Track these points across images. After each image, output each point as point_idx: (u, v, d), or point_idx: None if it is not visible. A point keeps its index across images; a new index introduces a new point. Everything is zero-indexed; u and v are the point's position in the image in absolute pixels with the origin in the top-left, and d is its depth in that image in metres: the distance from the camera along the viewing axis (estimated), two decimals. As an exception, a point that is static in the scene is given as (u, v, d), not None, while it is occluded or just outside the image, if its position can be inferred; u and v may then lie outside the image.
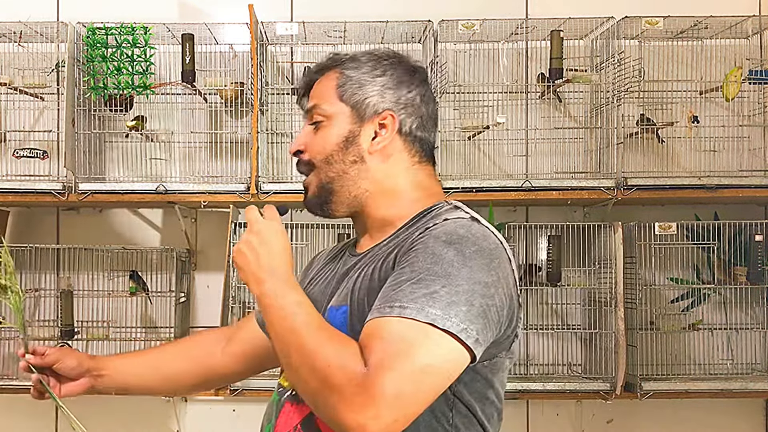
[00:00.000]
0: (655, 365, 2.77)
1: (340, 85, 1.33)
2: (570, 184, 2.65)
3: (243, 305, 2.81)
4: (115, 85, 2.68)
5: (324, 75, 1.36)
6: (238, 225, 2.74)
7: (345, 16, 2.74)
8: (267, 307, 1.18)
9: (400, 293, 1.11)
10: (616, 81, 2.66)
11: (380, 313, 1.10)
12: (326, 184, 1.33)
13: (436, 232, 1.19)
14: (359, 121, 1.32)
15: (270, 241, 1.25)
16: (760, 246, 2.69)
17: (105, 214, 2.97)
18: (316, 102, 1.34)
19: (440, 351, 1.08)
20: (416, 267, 1.14)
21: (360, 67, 1.34)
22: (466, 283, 1.12)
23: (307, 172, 1.35)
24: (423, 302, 1.09)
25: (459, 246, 1.15)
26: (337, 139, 1.31)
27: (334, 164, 1.31)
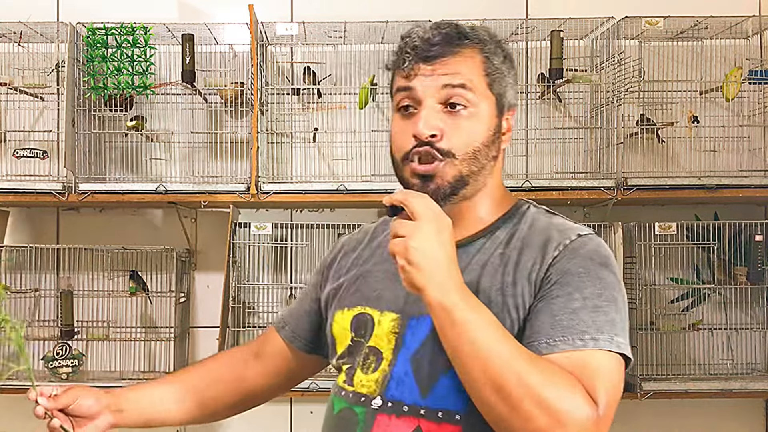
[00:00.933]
0: (655, 365, 2.77)
1: (489, 72, 1.24)
2: (570, 184, 2.65)
3: (243, 305, 2.81)
4: (115, 85, 2.68)
5: (463, 50, 1.23)
6: (238, 225, 2.74)
7: (345, 16, 2.74)
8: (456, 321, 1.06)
9: (581, 323, 1.12)
10: (616, 81, 2.65)
11: (571, 346, 1.10)
12: (466, 177, 1.22)
13: (584, 252, 1.19)
14: (499, 114, 1.26)
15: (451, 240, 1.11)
16: (760, 246, 2.69)
17: (105, 214, 2.97)
18: (463, 81, 1.21)
19: (622, 375, 1.14)
20: (586, 292, 1.14)
21: (498, 53, 1.26)
22: (623, 306, 1.17)
23: (435, 158, 1.20)
24: (608, 331, 1.12)
25: (611, 268, 1.19)
26: (486, 133, 1.23)
27: (479, 159, 1.22)
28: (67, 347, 2.70)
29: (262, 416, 2.88)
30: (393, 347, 1.23)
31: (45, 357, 2.71)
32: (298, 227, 2.76)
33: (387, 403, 1.19)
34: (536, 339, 1.12)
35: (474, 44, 1.24)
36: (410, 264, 1.07)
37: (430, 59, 1.21)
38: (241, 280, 2.77)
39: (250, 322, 2.83)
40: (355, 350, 1.28)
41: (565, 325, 1.11)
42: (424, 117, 1.20)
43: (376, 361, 1.24)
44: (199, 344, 2.96)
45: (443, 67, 1.21)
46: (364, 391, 1.22)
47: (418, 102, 1.22)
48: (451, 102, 1.21)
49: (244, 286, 2.79)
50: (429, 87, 1.21)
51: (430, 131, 1.19)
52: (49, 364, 2.68)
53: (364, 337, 1.27)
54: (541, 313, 1.15)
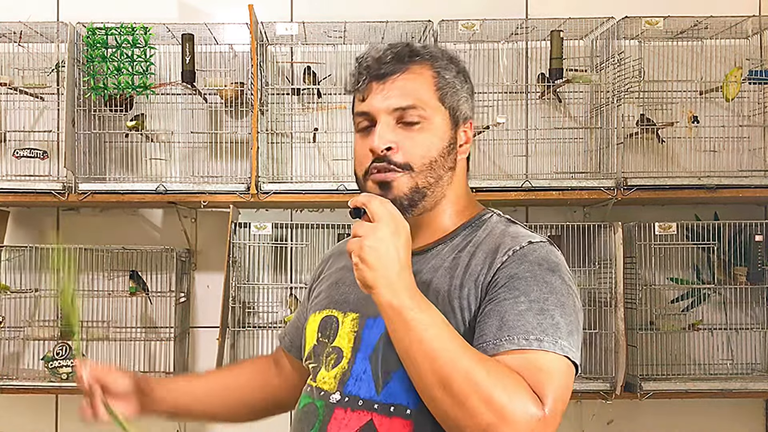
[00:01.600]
0: (655, 365, 2.77)
1: (440, 87, 1.28)
2: (570, 184, 2.65)
3: (243, 305, 2.81)
4: (115, 85, 2.68)
5: (409, 67, 1.28)
6: (238, 225, 2.74)
7: (345, 16, 2.74)
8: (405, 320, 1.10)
9: (527, 324, 1.14)
10: (616, 81, 2.66)
11: (516, 346, 1.12)
12: (422, 188, 1.26)
13: (533, 257, 1.21)
14: (454, 126, 1.30)
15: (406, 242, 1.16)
16: (760, 246, 2.69)
17: (105, 214, 2.97)
18: (413, 102, 1.26)
19: (568, 380, 1.15)
20: (532, 296, 1.16)
21: (449, 68, 1.30)
22: (573, 312, 1.19)
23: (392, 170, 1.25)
24: (552, 333, 1.14)
25: (560, 273, 1.20)
26: (441, 144, 1.27)
27: (435, 170, 1.27)
28: (67, 347, 2.70)
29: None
30: (352, 346, 1.28)
31: (45, 357, 2.71)
32: (298, 227, 2.76)
33: (344, 398, 1.24)
34: (483, 341, 1.15)
35: (424, 60, 1.28)
36: (363, 262, 1.12)
37: (381, 77, 1.26)
38: (241, 280, 2.77)
39: (250, 322, 2.84)
40: (320, 350, 1.33)
41: (510, 326, 1.14)
42: (378, 132, 1.25)
43: (336, 359, 1.29)
44: (199, 344, 2.96)
45: (393, 85, 1.26)
46: (325, 387, 1.28)
47: (373, 120, 1.27)
48: (406, 121, 1.26)
49: (244, 286, 2.79)
50: (382, 107, 1.26)
51: (385, 145, 1.24)
52: (49, 364, 2.68)
53: (329, 338, 1.33)
54: (488, 315, 1.17)
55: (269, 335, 2.85)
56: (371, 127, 1.27)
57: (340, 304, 1.35)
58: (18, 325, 2.83)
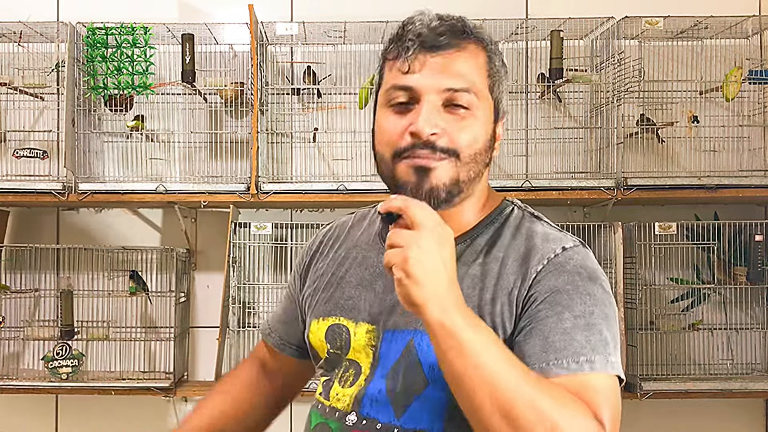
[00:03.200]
0: (655, 365, 2.77)
1: (491, 74, 1.17)
2: (570, 184, 2.65)
3: (243, 305, 2.81)
4: (115, 85, 2.68)
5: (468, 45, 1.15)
6: (238, 225, 2.74)
7: (345, 16, 2.74)
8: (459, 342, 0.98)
9: (575, 343, 1.05)
10: (616, 81, 2.66)
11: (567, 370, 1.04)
12: (462, 182, 1.15)
13: (570, 267, 1.12)
14: (495, 120, 1.19)
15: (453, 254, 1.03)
16: (760, 246, 2.69)
17: (105, 214, 2.97)
18: (468, 86, 1.13)
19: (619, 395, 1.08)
20: (576, 311, 1.08)
21: (498, 54, 1.18)
22: (615, 322, 1.12)
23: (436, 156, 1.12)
24: (602, 351, 1.06)
25: (600, 281, 1.13)
26: (486, 137, 1.16)
27: (479, 163, 1.16)
28: (67, 347, 2.70)
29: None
30: (371, 361, 1.18)
31: (45, 357, 2.71)
32: (298, 227, 2.76)
33: (362, 420, 1.15)
34: (529, 364, 1.05)
35: (478, 41, 1.16)
36: (408, 277, 0.98)
37: (435, 50, 1.12)
38: (241, 280, 2.77)
39: (250, 322, 2.84)
40: (334, 363, 1.24)
41: (558, 347, 1.05)
42: (424, 113, 1.11)
43: (354, 375, 1.19)
44: (199, 344, 2.96)
45: (448, 62, 1.12)
46: (339, 405, 1.18)
47: (416, 97, 1.13)
48: (455, 103, 1.13)
49: (244, 286, 2.79)
50: (431, 85, 1.12)
51: (432, 129, 1.11)
52: (49, 364, 2.68)
53: (341, 349, 1.22)
54: (531, 335, 1.08)
55: (269, 335, 2.85)
56: (409, 105, 1.13)
57: (348, 312, 1.22)
58: (18, 325, 2.84)
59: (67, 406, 2.93)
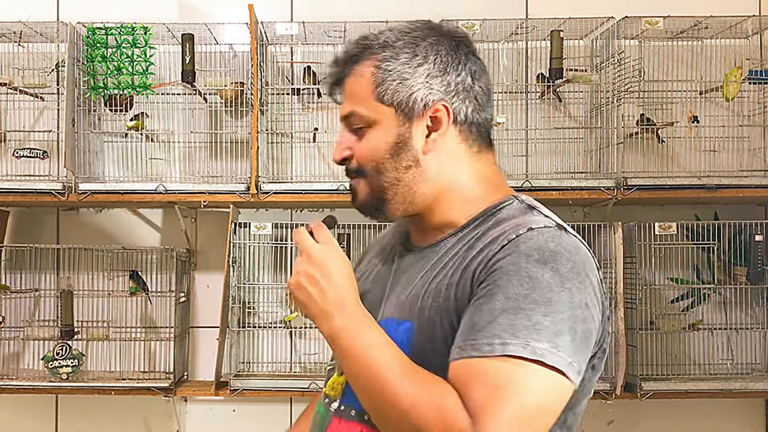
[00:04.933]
0: (655, 365, 2.77)
1: (379, 83, 1.18)
2: (570, 184, 2.65)
3: (243, 305, 2.81)
4: (115, 85, 2.68)
5: (356, 68, 1.20)
6: (238, 225, 2.74)
7: (345, 16, 2.74)
8: (341, 348, 1.10)
9: (496, 326, 1.01)
10: (616, 81, 2.66)
11: (478, 352, 1.00)
12: (378, 192, 1.21)
13: (524, 247, 1.06)
14: (407, 121, 1.18)
15: (333, 270, 1.14)
16: (760, 246, 2.69)
17: (105, 214, 2.97)
18: (351, 109, 1.21)
19: (549, 389, 1.00)
20: (510, 293, 1.03)
21: (397, 55, 1.18)
22: (568, 309, 1.03)
23: (356, 176, 1.24)
24: (526, 336, 1.00)
25: (554, 265, 1.05)
26: (385, 147, 1.19)
27: (387, 172, 1.19)
28: (67, 347, 2.70)
29: (262, 416, 2.89)
30: None
31: (45, 357, 2.71)
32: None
33: (341, 406, 1.21)
34: (455, 344, 1.05)
35: (372, 53, 1.19)
36: (295, 300, 1.16)
37: (335, 84, 1.25)
38: (241, 280, 2.77)
39: (250, 322, 2.84)
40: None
41: (479, 327, 1.02)
42: (336, 144, 1.25)
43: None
44: (199, 344, 2.96)
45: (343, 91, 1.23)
46: (331, 394, 1.24)
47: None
48: (353, 128, 1.22)
49: (244, 286, 2.79)
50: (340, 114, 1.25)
51: (341, 156, 1.24)
52: (49, 364, 2.68)
53: None
54: (466, 314, 1.07)
55: (269, 335, 2.86)
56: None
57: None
58: (18, 325, 2.83)
59: (67, 406, 2.93)
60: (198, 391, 2.78)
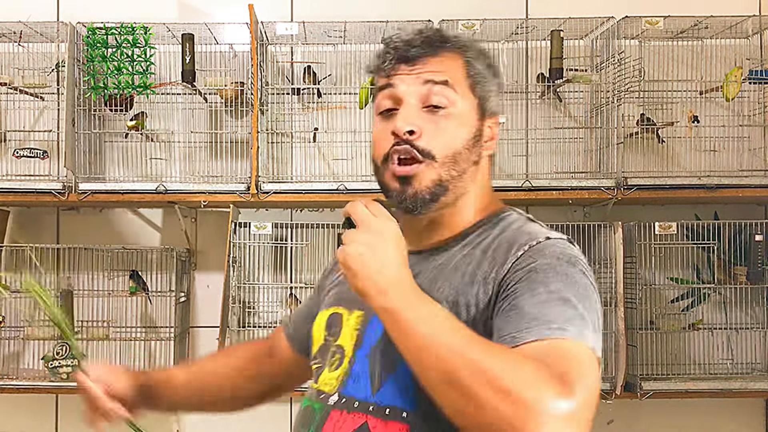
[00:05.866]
0: (655, 365, 2.77)
1: (471, 74, 1.22)
2: (570, 184, 2.65)
3: (243, 305, 2.81)
4: (115, 85, 2.68)
5: (444, 53, 1.21)
6: (238, 225, 2.74)
7: (345, 16, 2.74)
8: (400, 321, 1.02)
9: (550, 314, 1.04)
10: (616, 81, 2.66)
11: (538, 336, 1.01)
12: (445, 182, 1.19)
13: (550, 252, 1.13)
14: (481, 118, 1.23)
15: (392, 243, 1.08)
16: (760, 246, 2.69)
17: (105, 213, 2.97)
18: (446, 77, 1.19)
19: (597, 373, 1.05)
20: (552, 287, 1.07)
21: (480, 59, 1.24)
22: (596, 309, 1.11)
23: (413, 160, 1.18)
24: (579, 324, 1.04)
25: (581, 267, 1.13)
26: (467, 136, 1.20)
27: (460, 163, 1.20)
28: (67, 347, 2.70)
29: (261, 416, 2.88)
30: (353, 344, 1.23)
31: (45, 357, 2.71)
32: (298, 227, 2.76)
33: (341, 399, 1.20)
34: (501, 335, 1.05)
35: (455, 48, 1.22)
36: (348, 270, 1.07)
37: (411, 60, 1.20)
38: (241, 280, 2.77)
39: (250, 322, 2.84)
40: (325, 350, 1.29)
41: (531, 317, 1.04)
42: (402, 114, 1.19)
43: (339, 359, 1.25)
44: (199, 344, 2.96)
45: (424, 65, 1.20)
46: (326, 389, 1.23)
47: (398, 102, 1.20)
48: (433, 103, 1.19)
49: (244, 286, 2.79)
50: (410, 85, 1.20)
51: (409, 127, 1.17)
52: (49, 364, 2.68)
53: (334, 336, 1.28)
54: (505, 310, 1.08)
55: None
56: (394, 111, 1.21)
57: (347, 302, 1.28)
58: (18, 325, 2.83)
59: (67, 406, 2.93)
60: (198, 391, 2.77)
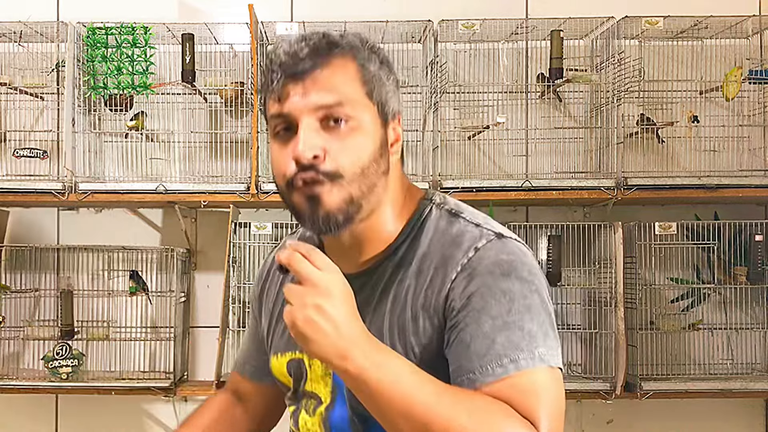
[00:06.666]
0: (655, 365, 2.77)
1: (366, 80, 1.11)
2: (570, 184, 2.65)
3: (243, 305, 2.81)
4: (115, 85, 2.68)
5: (334, 60, 1.10)
6: (238, 225, 2.74)
7: (345, 16, 2.73)
8: (369, 384, 0.99)
9: (498, 347, 1.03)
10: (616, 81, 2.65)
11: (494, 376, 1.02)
12: (357, 199, 1.10)
13: (482, 268, 1.08)
14: (384, 124, 1.14)
15: (343, 300, 1.01)
16: (760, 246, 2.69)
17: (105, 214, 2.97)
18: (340, 98, 1.08)
19: (559, 384, 1.06)
20: (493, 312, 1.05)
21: (372, 59, 1.13)
22: (542, 309, 1.08)
23: (320, 181, 1.09)
24: (527, 347, 1.04)
25: (516, 273, 1.08)
26: (373, 147, 1.11)
27: (369, 177, 1.10)
28: (67, 347, 2.70)
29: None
30: (330, 389, 1.20)
31: (45, 357, 2.71)
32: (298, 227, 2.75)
33: None
34: (457, 376, 1.05)
35: (345, 52, 1.11)
36: (300, 338, 1.00)
37: (299, 76, 1.08)
38: (241, 280, 2.76)
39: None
40: (298, 395, 1.26)
41: (481, 354, 1.04)
42: (302, 138, 1.08)
43: (315, 404, 1.22)
44: (199, 344, 2.96)
45: (315, 84, 1.08)
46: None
47: (294, 124, 1.10)
48: (333, 118, 1.09)
49: (244, 286, 2.79)
50: (303, 108, 1.08)
51: (312, 152, 1.07)
52: (49, 364, 2.68)
53: (299, 382, 1.24)
54: (454, 346, 1.07)
55: (269, 335, 2.85)
56: (290, 131, 1.11)
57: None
58: (18, 325, 2.83)
59: (67, 406, 2.93)
60: (198, 391, 2.78)
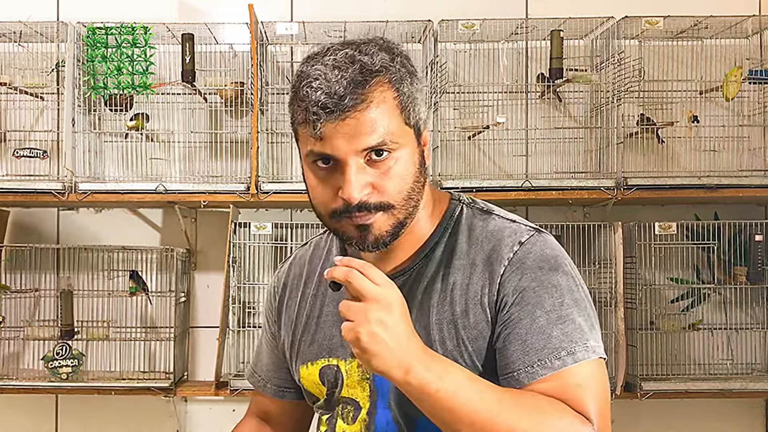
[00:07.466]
0: (655, 365, 2.77)
1: (403, 106, 1.11)
2: (570, 184, 2.65)
3: (243, 305, 2.81)
4: (115, 85, 2.68)
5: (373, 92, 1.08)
6: (238, 225, 2.74)
7: (345, 16, 2.73)
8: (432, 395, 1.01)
9: (553, 340, 1.10)
10: (616, 81, 2.65)
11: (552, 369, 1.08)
12: (404, 219, 1.13)
13: (530, 262, 1.14)
14: (418, 142, 1.15)
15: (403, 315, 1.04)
16: (760, 246, 2.69)
17: (105, 214, 2.97)
18: (383, 139, 1.08)
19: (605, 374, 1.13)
20: (546, 306, 1.11)
21: (404, 76, 1.12)
22: (587, 301, 1.16)
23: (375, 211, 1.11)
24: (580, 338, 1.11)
25: (563, 267, 1.15)
26: (414, 168, 1.13)
27: (414, 197, 1.13)
28: (67, 347, 2.70)
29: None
30: (369, 394, 1.20)
31: (45, 357, 2.71)
32: (298, 227, 2.76)
33: None
34: (513, 369, 1.10)
35: (381, 78, 1.09)
36: (365, 353, 1.01)
37: (340, 116, 1.07)
38: (241, 280, 2.76)
39: (250, 322, 2.84)
40: (333, 402, 1.25)
41: (537, 347, 1.09)
42: (352, 182, 1.08)
43: (354, 411, 1.21)
44: (199, 344, 2.96)
45: (358, 125, 1.07)
46: None
47: (337, 161, 1.10)
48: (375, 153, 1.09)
49: (244, 286, 2.79)
50: (349, 151, 1.08)
51: (362, 194, 1.09)
52: (49, 364, 2.68)
53: (335, 388, 1.24)
54: (509, 340, 1.11)
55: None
56: (330, 163, 1.11)
57: (335, 351, 1.24)
58: (18, 325, 2.83)
59: (67, 406, 2.93)
60: (198, 391, 2.78)
